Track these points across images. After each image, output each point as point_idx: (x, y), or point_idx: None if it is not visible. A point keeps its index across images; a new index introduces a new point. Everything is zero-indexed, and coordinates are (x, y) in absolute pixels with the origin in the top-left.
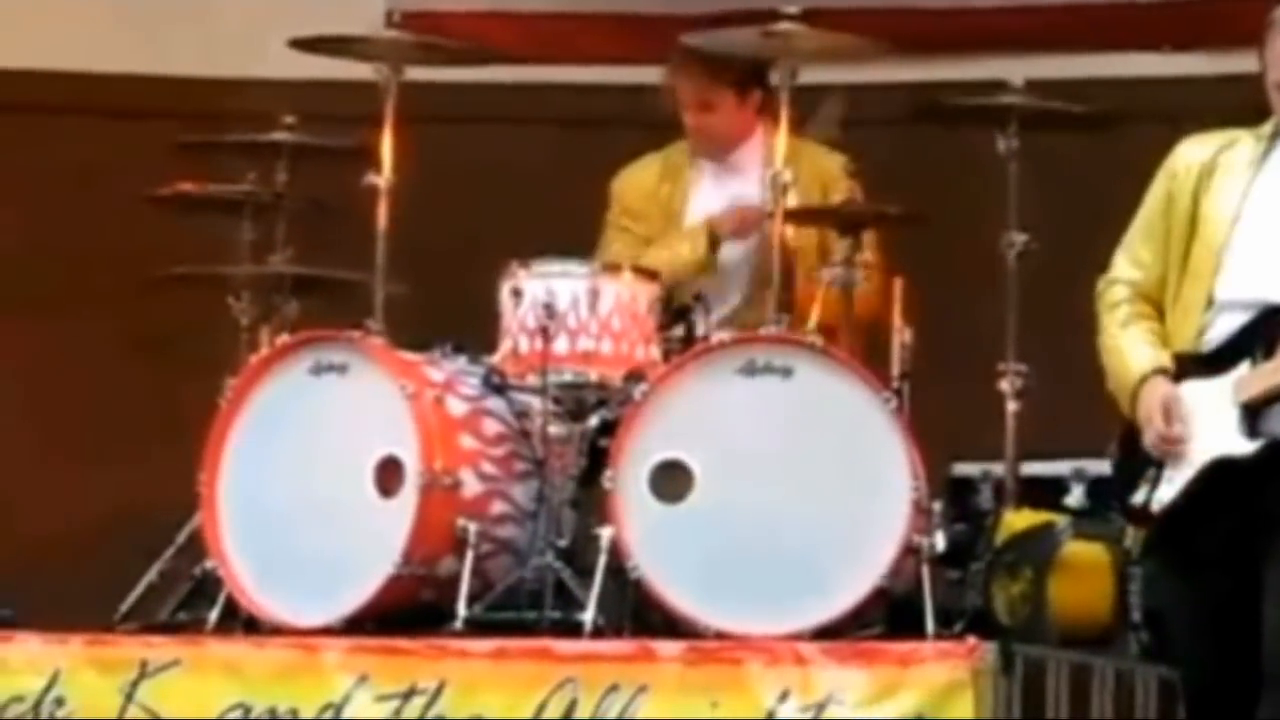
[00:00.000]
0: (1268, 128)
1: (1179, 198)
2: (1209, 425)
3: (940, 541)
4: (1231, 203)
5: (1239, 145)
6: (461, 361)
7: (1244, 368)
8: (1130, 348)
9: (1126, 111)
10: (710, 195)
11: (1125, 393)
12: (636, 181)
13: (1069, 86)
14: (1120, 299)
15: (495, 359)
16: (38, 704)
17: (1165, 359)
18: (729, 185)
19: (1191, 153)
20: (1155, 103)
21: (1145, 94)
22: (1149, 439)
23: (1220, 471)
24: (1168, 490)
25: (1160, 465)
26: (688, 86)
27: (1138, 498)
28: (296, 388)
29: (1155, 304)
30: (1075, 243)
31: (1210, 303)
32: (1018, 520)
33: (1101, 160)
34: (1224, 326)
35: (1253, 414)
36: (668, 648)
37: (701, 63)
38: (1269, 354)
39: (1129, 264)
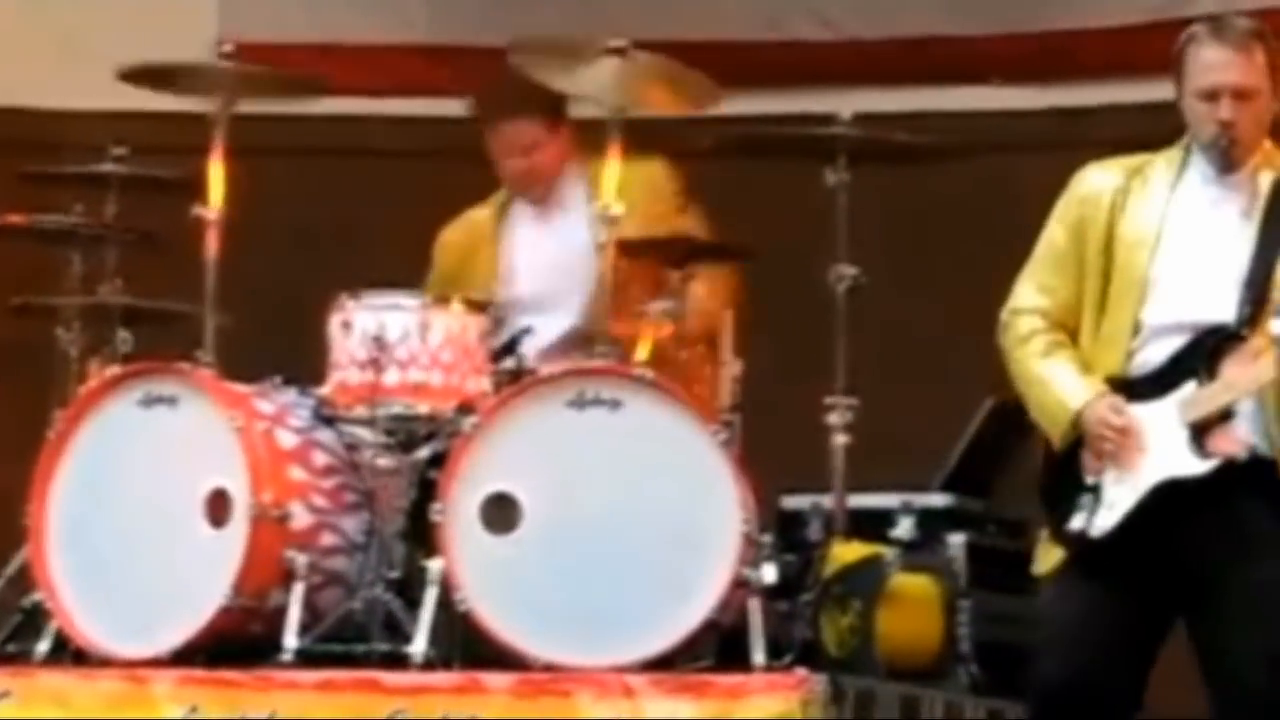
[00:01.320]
0: (1178, 151)
1: (1091, 225)
2: (1155, 448)
3: (769, 574)
4: (1150, 227)
5: (1151, 169)
6: (291, 393)
7: (1188, 389)
8: (1059, 377)
9: (955, 144)
10: (534, 236)
11: (1060, 421)
12: (453, 245)
13: (898, 120)
14: (1033, 329)
15: (325, 391)
16: None
17: (1099, 384)
18: (554, 223)
19: (1099, 179)
20: (985, 136)
21: (975, 127)
22: (1104, 450)
23: (1167, 494)
24: (1109, 516)
25: (1096, 491)
26: (502, 134)
27: (1074, 524)
28: (126, 419)
29: (1067, 330)
30: (905, 276)
31: (1137, 328)
32: (846, 552)
33: (931, 193)
34: (1157, 351)
35: (1201, 434)
36: (497, 680)
37: (507, 107)
38: (1211, 373)
39: (1035, 292)
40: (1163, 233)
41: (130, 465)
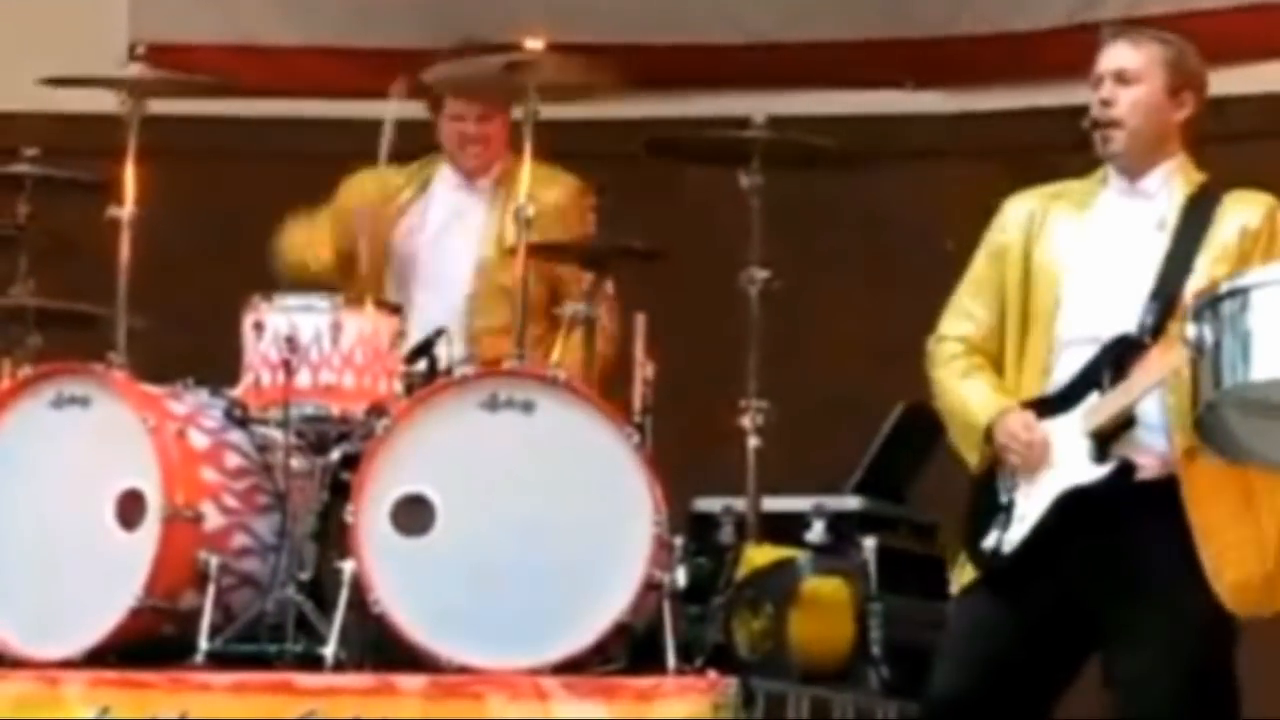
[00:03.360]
0: (1097, 175)
1: (1009, 250)
2: (1060, 459)
3: (681, 577)
4: (1064, 247)
5: (1068, 195)
6: (203, 395)
7: (1092, 399)
8: (973, 397)
9: (868, 148)
10: (445, 218)
11: (974, 439)
12: (361, 192)
13: (812, 123)
14: (953, 354)
15: (237, 392)
16: None
17: (1011, 402)
18: (466, 218)
19: (1020, 207)
20: (898, 140)
21: (888, 131)
22: (1011, 463)
23: (1070, 505)
24: (1018, 530)
25: (1009, 508)
26: (460, 105)
27: (988, 542)
28: (37, 420)
29: (990, 357)
30: (817, 279)
31: (1052, 346)
32: (759, 555)
33: (844, 196)
34: (1068, 365)
35: (1102, 441)
36: (409, 682)
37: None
38: (1115, 384)
39: (959, 320)
40: (1076, 250)
41: (42, 466)
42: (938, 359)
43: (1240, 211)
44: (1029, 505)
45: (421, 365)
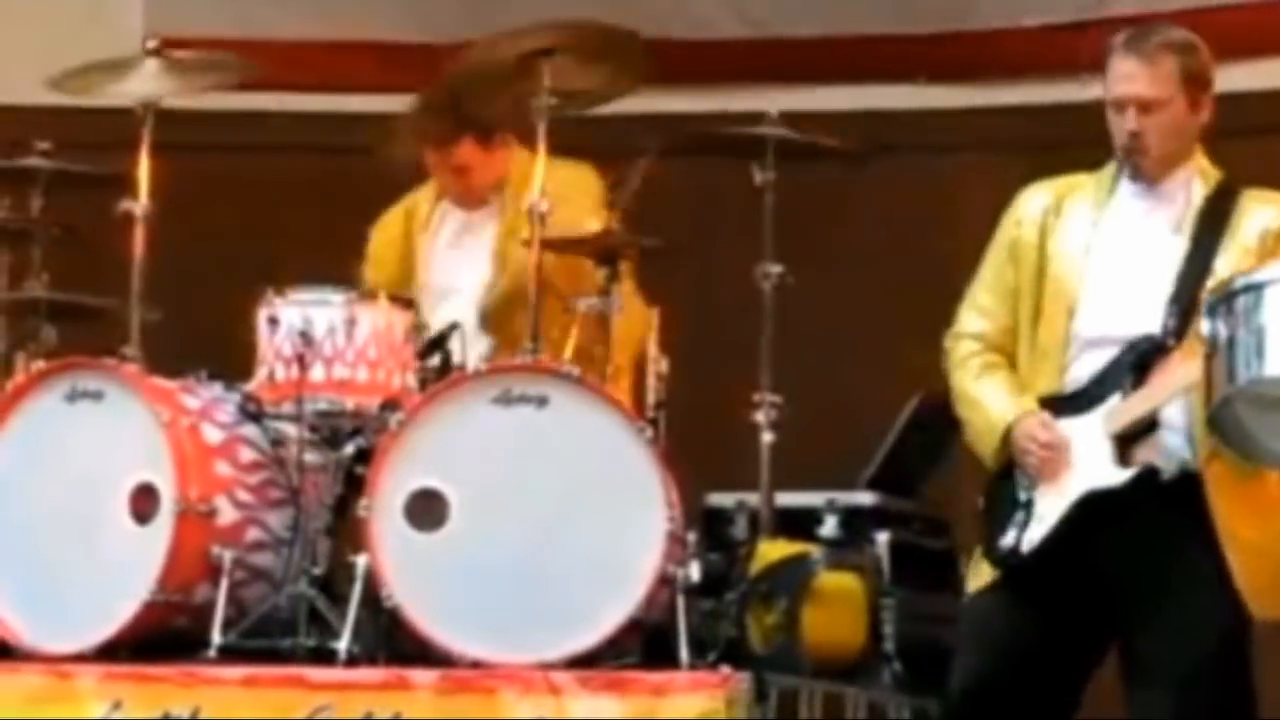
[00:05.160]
0: (1110, 169)
1: (1024, 245)
2: (1081, 460)
3: (695, 571)
4: (1080, 243)
5: (1082, 188)
6: (217, 389)
7: (1113, 401)
8: (990, 397)
9: (882, 143)
10: (454, 241)
11: (991, 440)
12: (384, 233)
13: (825, 119)
14: (969, 352)
15: (251, 386)
16: None
17: (1030, 403)
18: (477, 230)
19: (1033, 200)
20: (911, 135)
21: (901, 126)
22: (1030, 465)
23: (1092, 505)
24: (1038, 529)
25: (1029, 507)
26: (436, 155)
27: (1006, 540)
28: (52, 414)
29: (1006, 353)
30: (830, 274)
31: (1069, 343)
32: (772, 550)
33: (857, 192)
34: (1088, 365)
35: (1124, 445)
36: (422, 676)
37: (440, 131)
38: (1137, 385)
39: (975, 316)
40: (1093, 247)
41: (56, 460)
42: (955, 358)
43: (1259, 212)
44: (1048, 505)
45: (435, 360)
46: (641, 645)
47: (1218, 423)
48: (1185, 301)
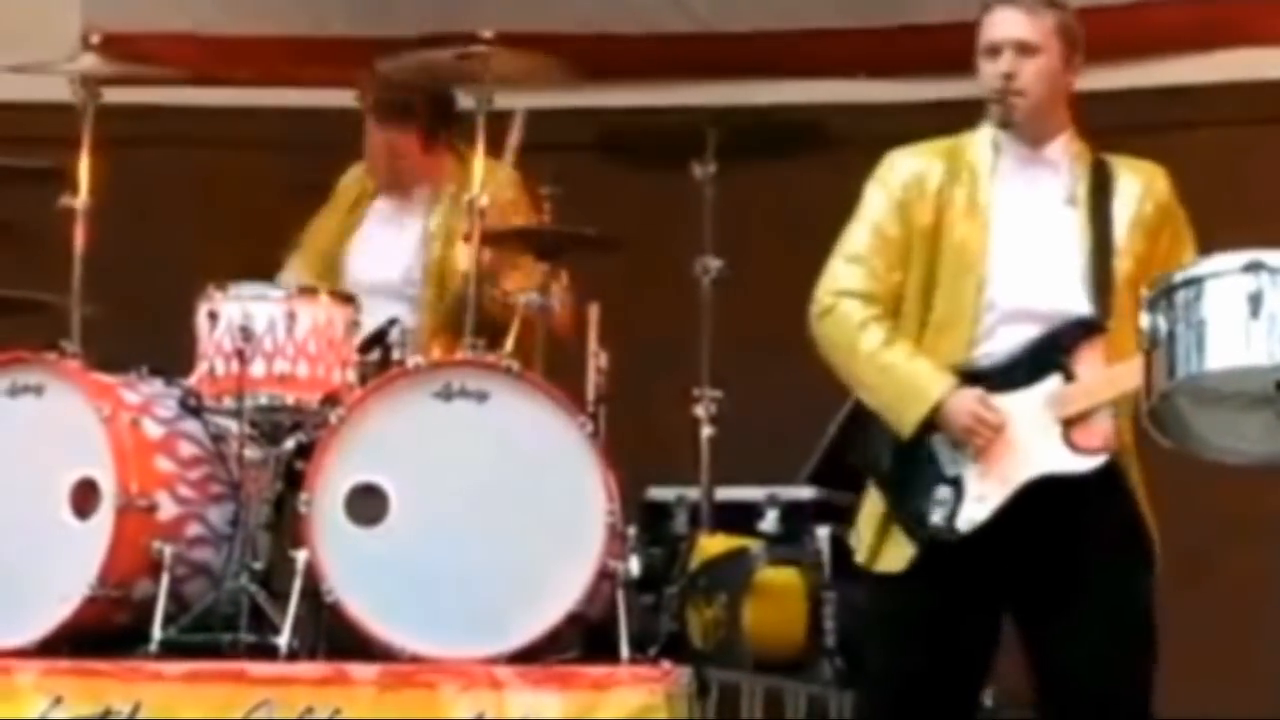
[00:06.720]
0: (986, 134)
1: (913, 209)
2: (1024, 442)
3: (635, 566)
4: (978, 209)
5: (966, 151)
6: (158, 384)
7: (1052, 383)
8: (911, 365)
9: (821, 138)
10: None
11: (917, 410)
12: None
13: (764, 113)
14: (868, 315)
15: (192, 381)
16: None
17: (952, 376)
18: (404, 220)
19: (917, 164)
20: (851, 129)
21: (841, 121)
22: (975, 443)
23: (1040, 489)
24: (978, 509)
25: (957, 483)
26: (374, 134)
27: (935, 518)
28: None
29: (893, 316)
30: (769, 268)
31: (979, 315)
32: (712, 545)
33: (796, 186)
34: (1005, 339)
35: (1067, 429)
36: (362, 671)
37: (384, 113)
38: (1069, 366)
39: (861, 274)
40: (991, 216)
41: None
42: (843, 317)
43: (1139, 181)
44: (989, 485)
45: (375, 355)
46: (582, 640)
47: (1157, 416)
48: (1101, 278)
